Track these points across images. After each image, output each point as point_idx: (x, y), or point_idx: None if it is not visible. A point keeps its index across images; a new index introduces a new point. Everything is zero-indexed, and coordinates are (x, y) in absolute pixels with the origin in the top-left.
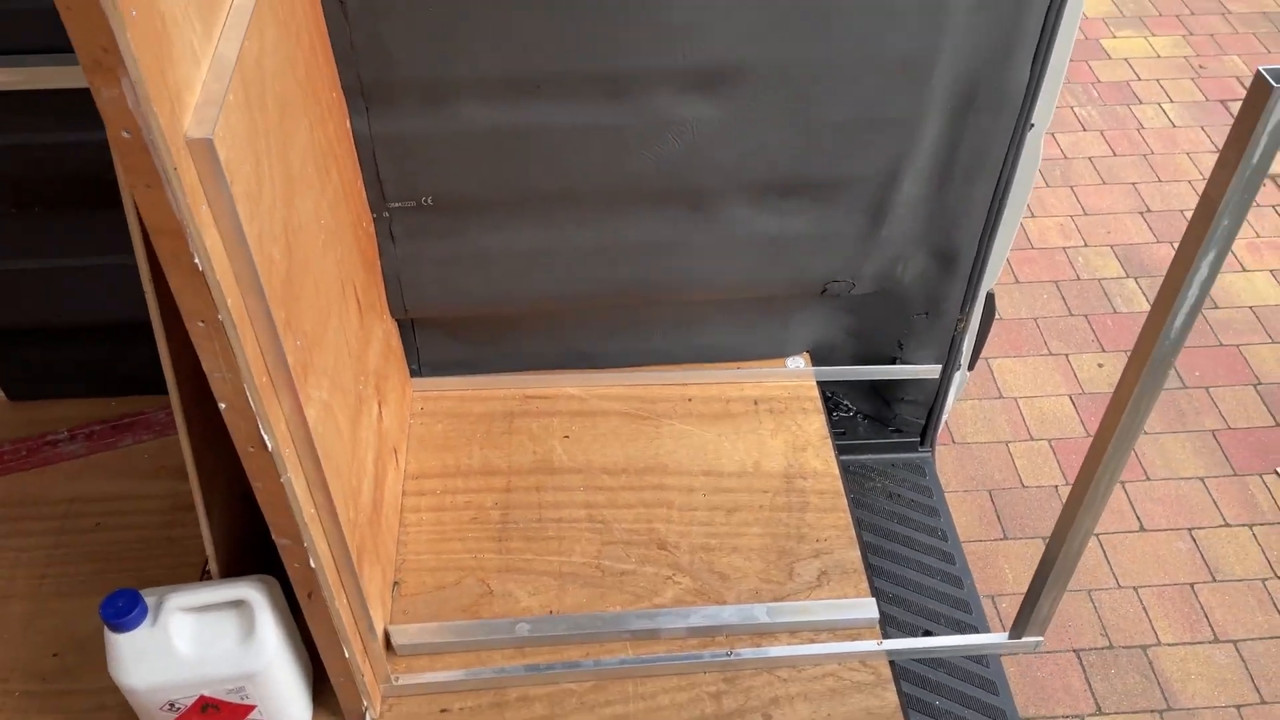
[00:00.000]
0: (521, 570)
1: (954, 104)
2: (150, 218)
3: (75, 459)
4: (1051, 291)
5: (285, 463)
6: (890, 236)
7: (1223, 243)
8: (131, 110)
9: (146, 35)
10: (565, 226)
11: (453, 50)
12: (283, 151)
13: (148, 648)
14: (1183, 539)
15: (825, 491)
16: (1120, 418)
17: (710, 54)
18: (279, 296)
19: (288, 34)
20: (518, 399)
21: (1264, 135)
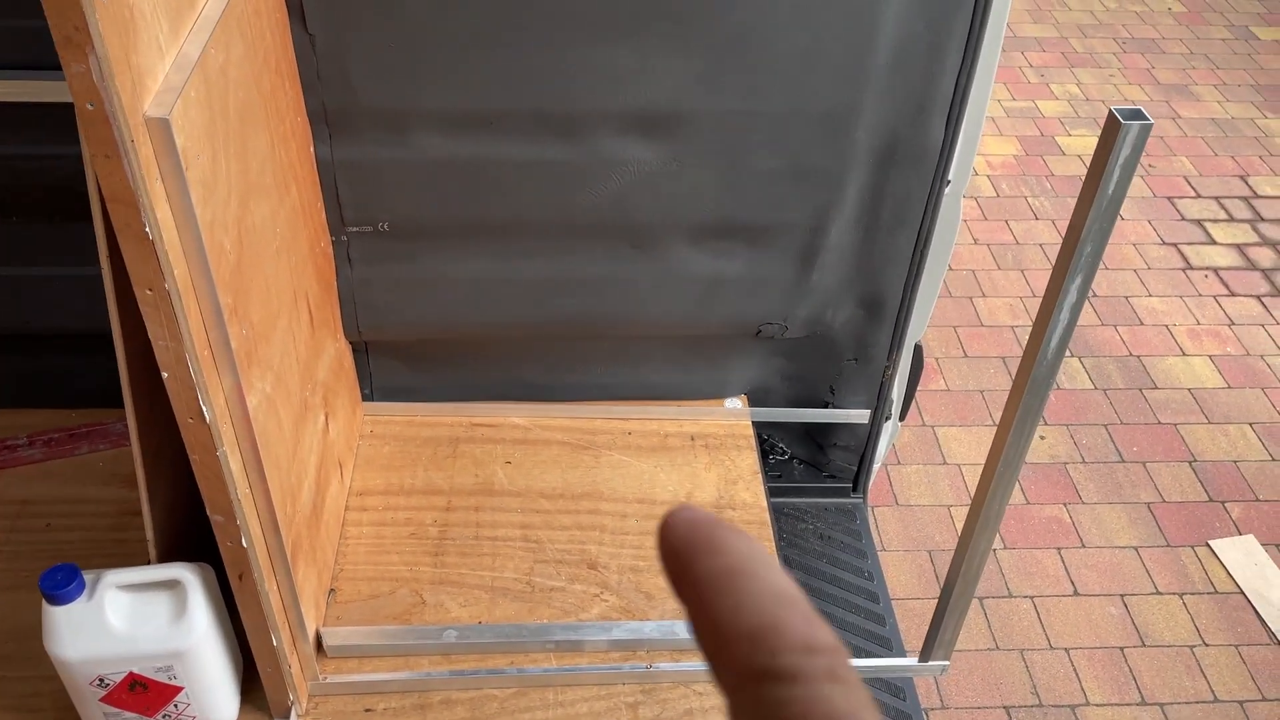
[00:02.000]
0: (454, 583)
1: (875, 158)
2: (107, 186)
3: (32, 464)
4: (998, 366)
5: (222, 436)
6: (820, 282)
7: (1088, 268)
8: (96, 84)
9: (114, 20)
10: (514, 257)
11: (413, 84)
12: (241, 155)
13: (82, 621)
14: (1115, 604)
15: (752, 522)
16: (1006, 439)
17: (650, 100)
18: (227, 283)
19: (254, 53)
20: (464, 425)
21: (1116, 167)
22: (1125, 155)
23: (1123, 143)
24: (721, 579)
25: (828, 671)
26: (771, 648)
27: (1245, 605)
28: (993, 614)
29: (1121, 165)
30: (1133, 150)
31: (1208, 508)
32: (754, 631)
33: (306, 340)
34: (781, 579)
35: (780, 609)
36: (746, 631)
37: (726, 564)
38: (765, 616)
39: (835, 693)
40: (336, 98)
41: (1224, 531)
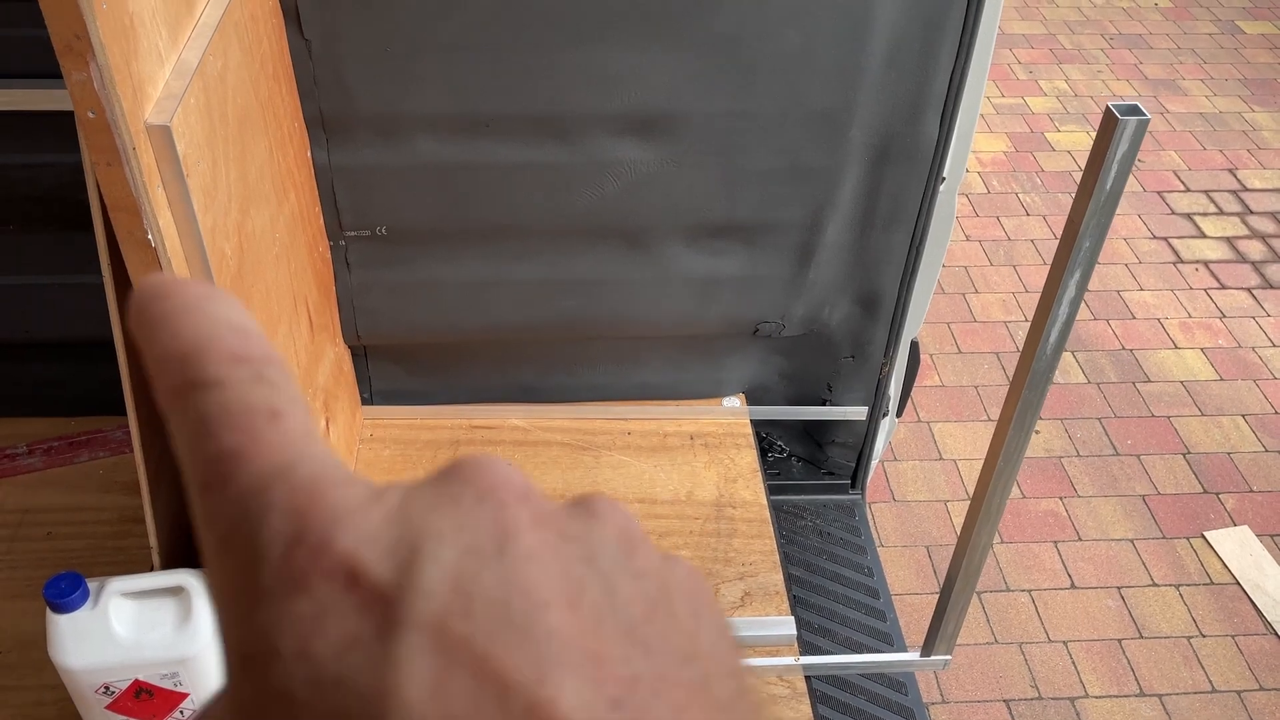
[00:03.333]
0: None
1: (870, 156)
2: (109, 194)
3: (32, 472)
4: (992, 361)
5: None
6: (816, 280)
7: (1086, 263)
8: (97, 92)
9: (114, 28)
10: (511, 260)
11: (408, 89)
12: (240, 162)
13: (87, 629)
14: (1112, 597)
15: (753, 520)
16: (1006, 434)
17: (645, 101)
18: (228, 289)
19: (252, 59)
20: (464, 428)
21: (1114, 163)
22: (1123, 151)
23: (1120, 138)
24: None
25: (253, 376)
26: (201, 362)
27: (1241, 596)
28: (991, 608)
29: (1119, 160)
30: (1130, 146)
31: (1202, 499)
32: (186, 351)
33: (306, 345)
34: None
35: (215, 330)
36: (180, 353)
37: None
38: (200, 340)
39: (256, 392)
40: (333, 103)
41: (1219, 523)
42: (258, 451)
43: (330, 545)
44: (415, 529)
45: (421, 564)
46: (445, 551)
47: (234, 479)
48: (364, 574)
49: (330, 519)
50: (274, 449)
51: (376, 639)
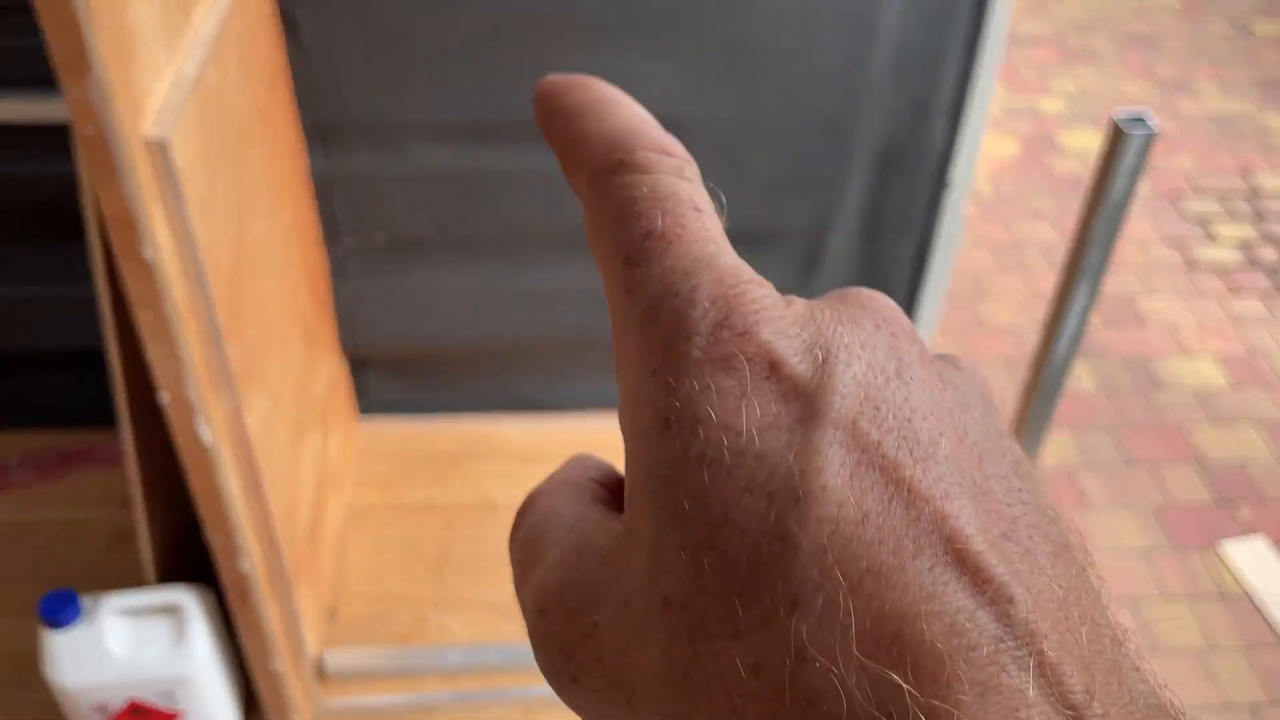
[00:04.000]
0: (456, 602)
1: (877, 163)
2: (107, 208)
3: (24, 486)
4: (1002, 368)
5: (221, 459)
6: (822, 289)
7: (1094, 275)
8: (96, 108)
9: (113, 44)
10: (510, 269)
11: (406, 97)
12: (237, 173)
13: (82, 647)
14: (1125, 610)
15: None
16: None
17: (648, 108)
18: (225, 302)
19: (249, 70)
20: (463, 440)
21: (1121, 176)
22: (1129, 164)
23: (1126, 153)
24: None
25: (676, 168)
26: (629, 146)
27: (1256, 608)
28: None
29: (1126, 174)
30: (1137, 159)
31: (1216, 509)
32: (614, 135)
33: (303, 357)
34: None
35: (641, 123)
36: (607, 136)
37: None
38: (626, 125)
39: (680, 185)
40: (330, 112)
41: (1233, 533)
42: (685, 237)
43: (755, 333)
44: (826, 336)
45: (835, 368)
46: (855, 362)
47: (663, 258)
48: (784, 365)
49: (753, 310)
50: (699, 239)
51: (799, 424)
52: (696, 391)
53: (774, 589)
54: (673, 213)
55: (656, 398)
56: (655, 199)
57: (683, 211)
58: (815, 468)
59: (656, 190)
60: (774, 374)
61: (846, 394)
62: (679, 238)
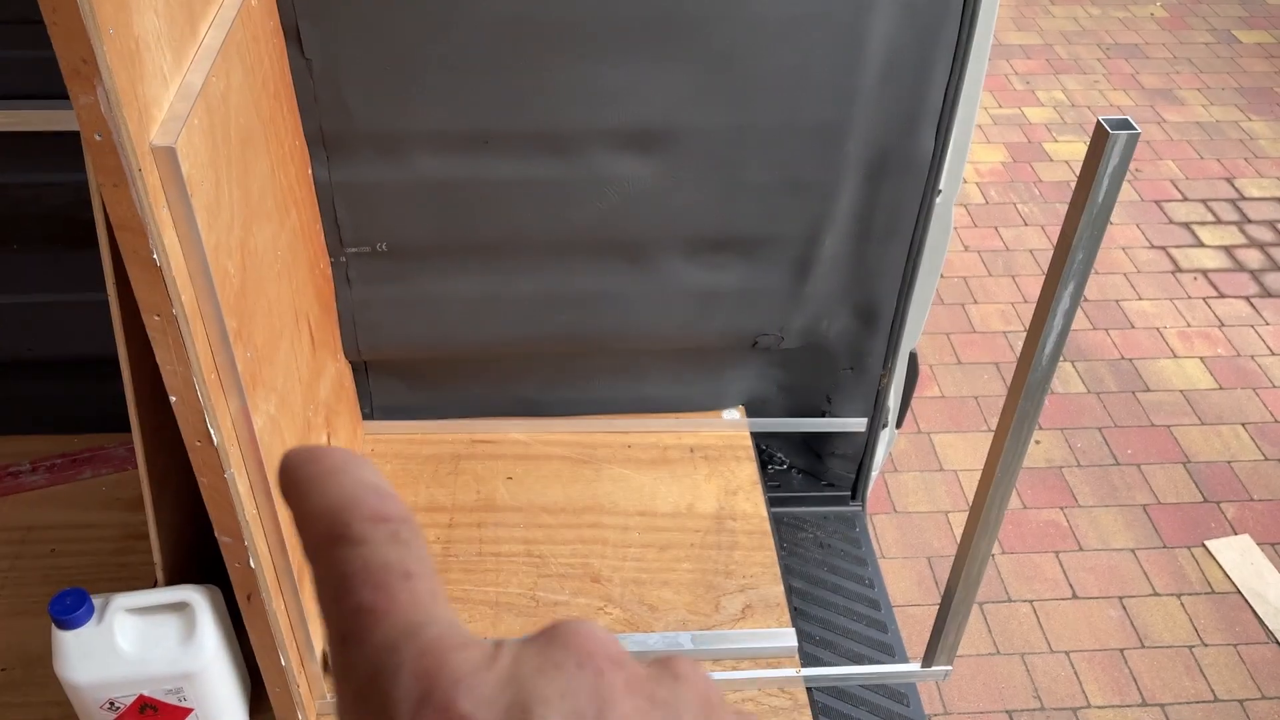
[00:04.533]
0: (459, 600)
1: (867, 169)
2: (115, 214)
3: (35, 489)
4: (992, 372)
5: (230, 459)
6: (814, 293)
7: (1080, 275)
8: (104, 115)
9: (121, 52)
10: (511, 275)
11: (408, 106)
12: (243, 180)
13: (92, 645)
14: (1114, 607)
15: (753, 532)
16: (1003, 444)
17: (643, 117)
18: (232, 306)
19: (254, 79)
20: (465, 443)
21: (1105, 176)
22: (1114, 164)
23: (1111, 152)
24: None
25: (390, 535)
26: (345, 520)
27: (1243, 605)
28: (993, 619)
29: (1110, 174)
30: (1121, 159)
31: (1203, 508)
32: (332, 509)
33: (308, 361)
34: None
35: (357, 491)
36: (326, 510)
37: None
38: (343, 496)
39: (393, 551)
40: (333, 121)
41: (1219, 532)
42: (391, 609)
43: (452, 708)
44: (525, 693)
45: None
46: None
47: (370, 635)
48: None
49: (452, 682)
50: (405, 608)
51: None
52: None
53: None
54: (381, 585)
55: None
56: (367, 572)
57: (391, 582)
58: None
59: (369, 562)
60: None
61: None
62: (387, 612)
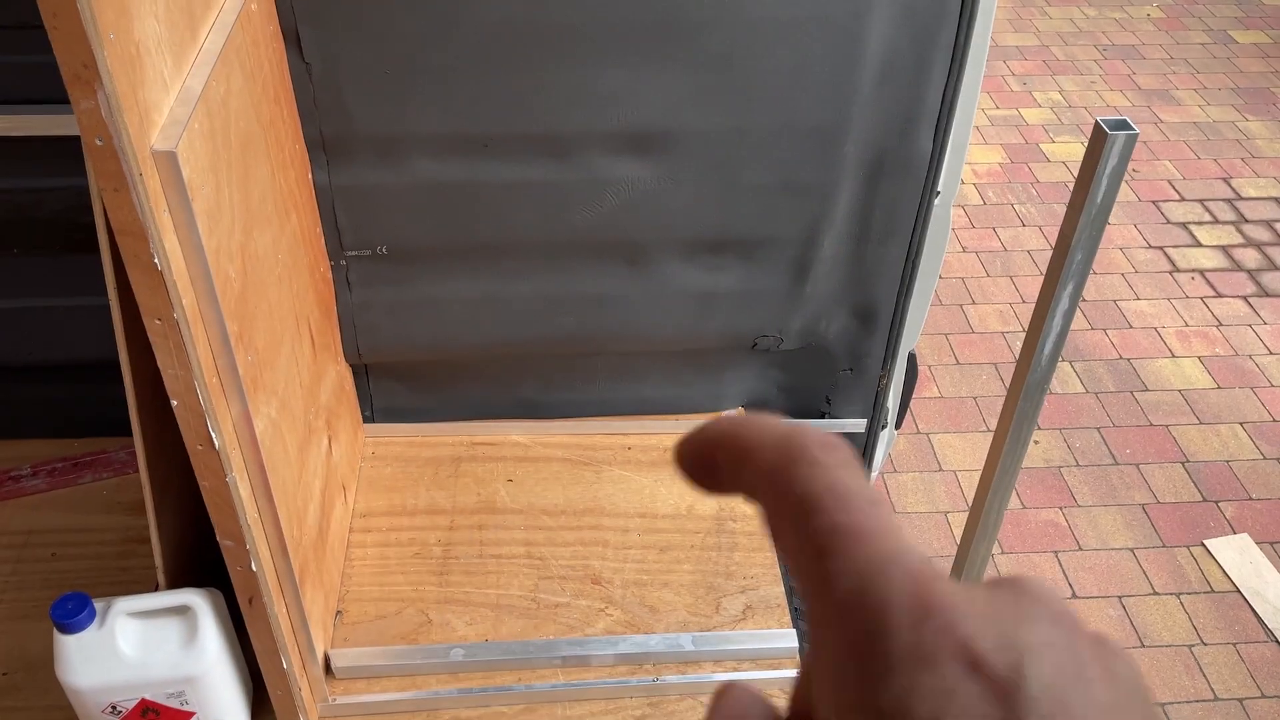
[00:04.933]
0: (460, 602)
1: (865, 170)
2: (116, 219)
3: (36, 493)
4: (990, 372)
5: (231, 463)
6: (813, 294)
7: (1079, 275)
8: (105, 120)
9: (121, 57)
10: (510, 277)
11: (407, 110)
12: (243, 185)
13: (94, 649)
14: (1113, 606)
15: (754, 533)
16: (1003, 445)
17: (641, 120)
18: (233, 310)
19: (254, 84)
20: (465, 445)
21: (1104, 176)
22: (1112, 165)
23: (1109, 152)
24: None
25: (845, 461)
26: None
27: (1242, 604)
28: None
29: (1109, 174)
30: (1119, 160)
31: (1202, 507)
32: (782, 438)
33: (309, 364)
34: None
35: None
36: (774, 440)
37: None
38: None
39: (854, 480)
40: (333, 125)
41: (1218, 531)
42: (871, 531)
43: (955, 629)
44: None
45: (1028, 669)
46: (1044, 663)
47: (854, 552)
48: (983, 664)
49: (948, 606)
50: (883, 534)
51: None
52: (904, 689)
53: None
54: (854, 508)
55: (863, 690)
56: (832, 493)
57: (862, 506)
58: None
59: (833, 485)
60: (975, 670)
61: (1041, 697)
62: (868, 533)
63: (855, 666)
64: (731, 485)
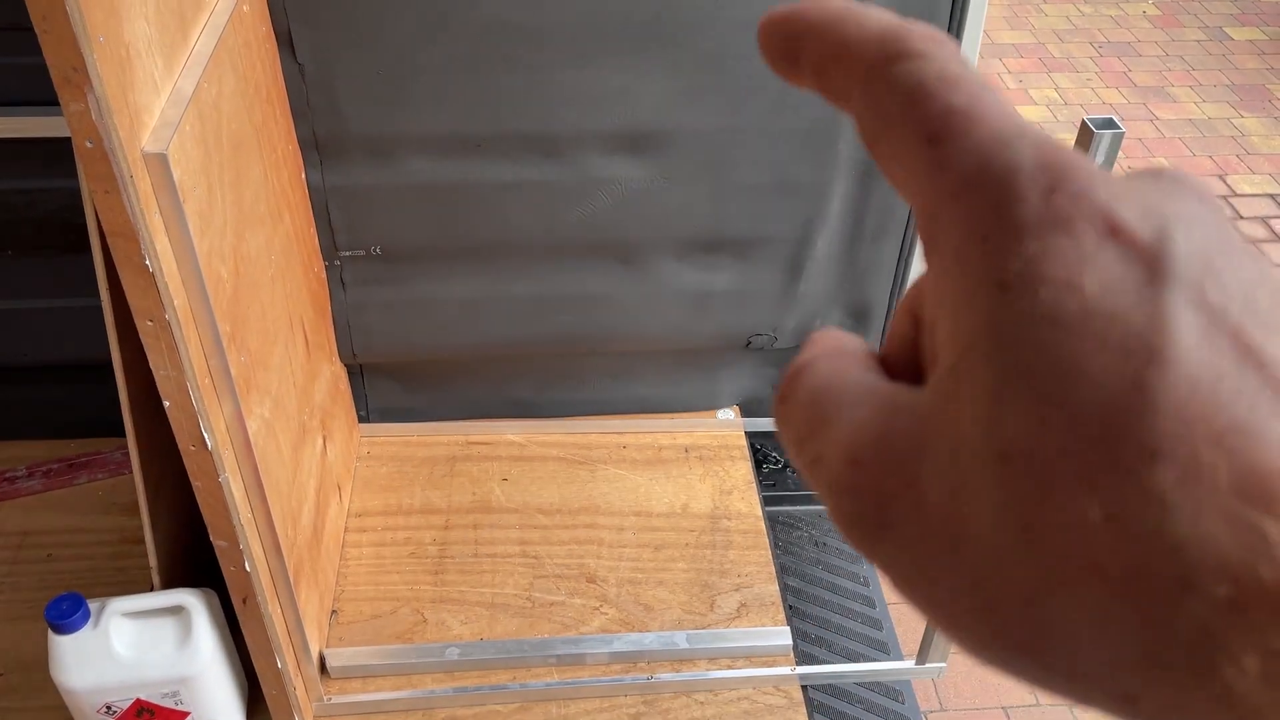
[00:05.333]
0: (455, 601)
1: (858, 169)
2: (108, 221)
3: (31, 494)
4: None
5: (224, 463)
6: (807, 292)
7: None
8: (95, 122)
9: (111, 60)
10: (505, 277)
11: (400, 110)
12: (235, 186)
13: (88, 650)
14: None
15: (748, 531)
16: None
17: (635, 119)
18: (225, 311)
19: (246, 84)
20: (460, 444)
21: None
22: (1099, 163)
23: (1096, 151)
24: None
25: (954, 54)
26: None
27: None
28: None
29: None
30: (1106, 158)
31: None
32: (882, 31)
33: (303, 364)
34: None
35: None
36: (875, 33)
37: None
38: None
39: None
40: (326, 125)
41: None
42: (987, 110)
43: (1090, 195)
44: (1157, 205)
45: (1174, 234)
46: (1192, 230)
47: (971, 131)
48: (1124, 228)
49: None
50: (1002, 113)
51: (1146, 285)
52: (1035, 253)
53: (1132, 442)
54: (968, 91)
55: (987, 262)
56: (944, 79)
57: (977, 90)
58: (1170, 327)
59: (945, 74)
60: (1114, 236)
61: (1189, 259)
62: (982, 113)
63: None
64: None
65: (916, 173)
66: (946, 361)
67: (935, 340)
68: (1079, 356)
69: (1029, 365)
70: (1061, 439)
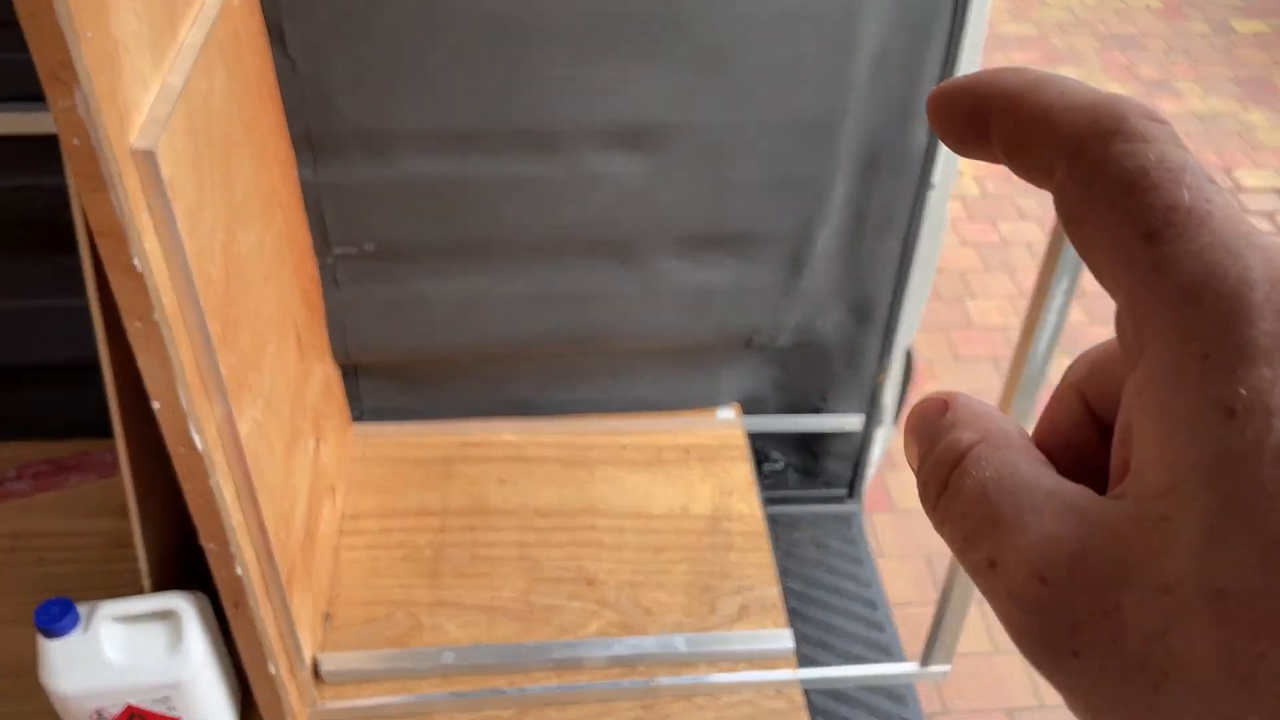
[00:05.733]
0: (451, 604)
1: (860, 165)
2: (95, 220)
3: (21, 497)
4: (989, 367)
5: (215, 465)
6: (808, 290)
7: (1073, 269)
8: (82, 119)
9: (99, 55)
10: (501, 275)
11: (394, 105)
12: (226, 183)
13: (78, 655)
14: None
15: (749, 533)
16: None
17: (633, 114)
18: (216, 311)
19: (236, 80)
20: (456, 445)
21: None
22: None
23: None
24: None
25: (1172, 136)
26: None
27: None
28: (991, 617)
29: None
30: None
31: None
32: (1093, 103)
33: (295, 365)
34: None
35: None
36: (1084, 104)
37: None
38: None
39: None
40: (319, 121)
41: None
42: (1215, 214)
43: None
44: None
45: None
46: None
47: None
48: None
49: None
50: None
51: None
52: (1268, 381)
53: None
54: (1193, 186)
55: (1211, 384)
56: (1168, 169)
57: (1202, 185)
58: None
59: (1166, 160)
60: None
61: None
62: (1209, 214)
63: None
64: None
65: (1127, 268)
66: (1156, 481)
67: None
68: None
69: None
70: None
